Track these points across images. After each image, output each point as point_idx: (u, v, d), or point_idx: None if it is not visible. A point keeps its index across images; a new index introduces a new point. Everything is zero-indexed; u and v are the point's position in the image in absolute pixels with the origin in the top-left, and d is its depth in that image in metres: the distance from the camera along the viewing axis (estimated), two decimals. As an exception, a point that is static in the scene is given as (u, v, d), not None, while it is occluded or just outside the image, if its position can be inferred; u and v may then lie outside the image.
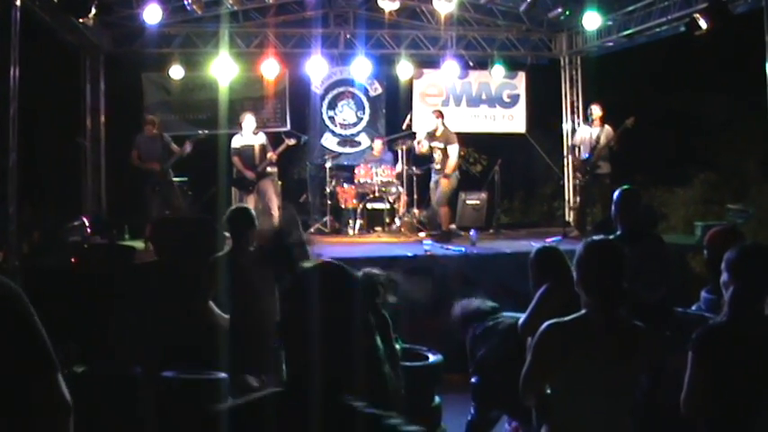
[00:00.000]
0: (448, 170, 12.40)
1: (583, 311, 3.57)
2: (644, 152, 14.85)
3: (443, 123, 12.61)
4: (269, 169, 12.70)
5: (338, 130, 15.65)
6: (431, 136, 12.54)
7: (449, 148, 12.40)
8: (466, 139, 15.54)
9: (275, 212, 12.23)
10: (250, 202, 12.20)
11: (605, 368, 3.47)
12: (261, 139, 12.55)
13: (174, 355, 6.19)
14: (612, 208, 6.11)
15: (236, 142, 12.50)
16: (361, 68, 14.47)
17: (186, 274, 6.30)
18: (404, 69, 14.57)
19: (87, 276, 7.88)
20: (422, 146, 12.67)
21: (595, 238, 3.80)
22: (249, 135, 12.47)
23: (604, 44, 14.16)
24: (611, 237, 5.60)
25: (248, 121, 12.49)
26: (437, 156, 12.50)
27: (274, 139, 12.96)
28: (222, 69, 13.65)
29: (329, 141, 15.55)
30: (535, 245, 5.27)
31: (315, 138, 15.36)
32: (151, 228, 10.29)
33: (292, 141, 12.79)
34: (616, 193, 6.13)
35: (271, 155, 12.44)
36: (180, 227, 9.47)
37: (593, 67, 15.12)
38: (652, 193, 15.74)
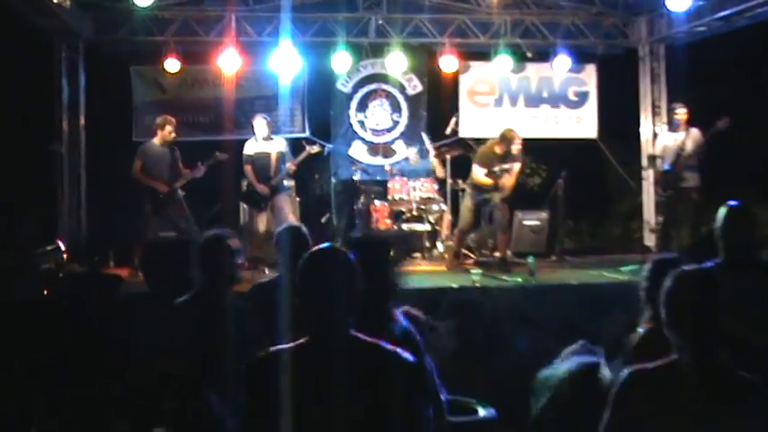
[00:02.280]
0: (508, 191, 12.22)
1: (673, 356, 3.52)
2: (741, 161, 14.73)
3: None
4: (285, 183, 12.68)
5: (369, 136, 15.59)
6: (501, 159, 12.09)
7: (514, 166, 12.23)
8: (523, 146, 15.51)
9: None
10: (262, 222, 12.20)
11: (700, 426, 3.40)
12: (279, 146, 12.50)
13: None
14: (716, 230, 5.91)
15: (250, 148, 12.44)
16: (396, 62, 14.48)
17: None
18: (448, 62, 14.55)
19: (62, 310, 7.89)
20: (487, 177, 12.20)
21: (686, 267, 3.74)
22: (264, 141, 12.44)
23: (694, 29, 14.01)
24: (710, 265, 5.49)
25: (259, 125, 12.46)
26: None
27: (294, 147, 12.91)
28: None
29: (358, 151, 15.52)
30: (608, 275, 5.12)
31: (341, 146, 15.35)
32: (141, 253, 10.31)
33: (315, 149, 12.72)
34: (721, 211, 5.91)
35: (290, 165, 12.36)
36: (174, 252, 9.47)
37: (679, 58, 15.00)
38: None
